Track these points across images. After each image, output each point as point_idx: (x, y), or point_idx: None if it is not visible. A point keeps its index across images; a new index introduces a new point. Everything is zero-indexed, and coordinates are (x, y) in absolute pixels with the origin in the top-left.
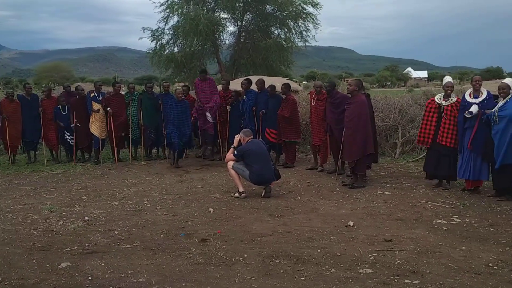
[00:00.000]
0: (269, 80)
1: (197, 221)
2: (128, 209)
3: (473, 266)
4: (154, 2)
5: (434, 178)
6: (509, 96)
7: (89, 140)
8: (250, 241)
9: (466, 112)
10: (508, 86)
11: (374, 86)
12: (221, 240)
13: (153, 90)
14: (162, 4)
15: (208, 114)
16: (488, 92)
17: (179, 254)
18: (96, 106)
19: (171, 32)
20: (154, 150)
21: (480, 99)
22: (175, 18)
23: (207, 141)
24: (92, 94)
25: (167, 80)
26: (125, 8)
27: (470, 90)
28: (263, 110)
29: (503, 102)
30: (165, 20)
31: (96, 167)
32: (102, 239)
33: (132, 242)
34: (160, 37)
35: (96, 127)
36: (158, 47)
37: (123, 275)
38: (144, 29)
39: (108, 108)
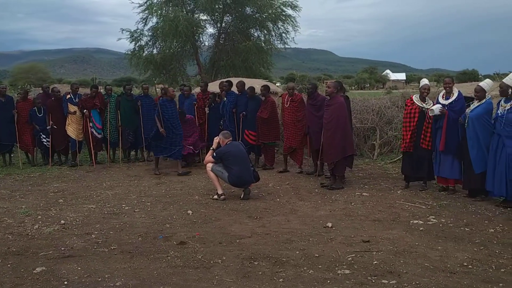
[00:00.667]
0: (248, 82)
1: (176, 223)
2: (106, 212)
3: (448, 265)
4: (133, 3)
5: (412, 180)
6: (484, 99)
7: (66, 143)
8: (229, 243)
9: (429, 110)
10: (483, 89)
11: (353, 88)
12: (199, 242)
13: (132, 92)
14: (141, 5)
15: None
16: (459, 93)
17: (157, 257)
18: (72, 108)
19: (150, 34)
20: (132, 152)
21: (449, 100)
22: (154, 20)
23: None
24: (68, 96)
25: (146, 82)
26: (103, 9)
27: (444, 91)
28: (243, 112)
29: (477, 104)
30: (144, 21)
31: (73, 170)
32: (79, 243)
33: (109, 245)
34: (139, 38)
35: (72, 129)
36: (137, 49)
37: (99, 279)
38: (123, 30)
39: (85, 110)
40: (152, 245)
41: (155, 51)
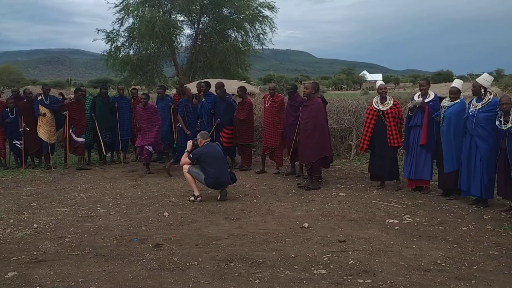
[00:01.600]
0: (226, 83)
1: (152, 225)
2: (80, 215)
3: (422, 263)
4: (108, 3)
5: (379, 179)
6: (458, 100)
7: (39, 145)
8: (205, 245)
9: (411, 102)
10: (459, 90)
11: (330, 88)
12: (175, 244)
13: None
14: (116, 6)
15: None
16: (436, 95)
17: (132, 260)
18: (43, 109)
19: (126, 34)
20: (108, 154)
21: (426, 100)
22: (130, 20)
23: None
24: (40, 98)
25: (122, 83)
26: (79, 9)
27: (419, 92)
28: (219, 119)
29: (450, 104)
30: (120, 21)
31: (46, 173)
32: (52, 247)
33: (83, 249)
34: (115, 39)
35: (44, 131)
36: (113, 50)
37: (73, 284)
38: (99, 30)
39: (65, 112)
40: (127, 248)
41: (131, 52)
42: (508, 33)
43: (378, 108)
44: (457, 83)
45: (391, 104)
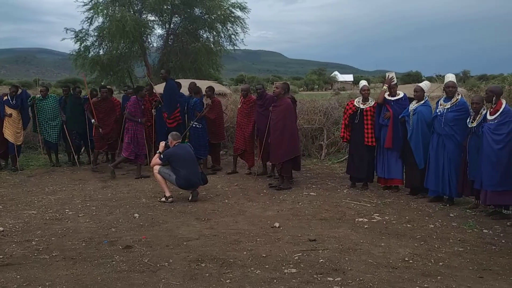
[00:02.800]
0: (198, 84)
1: (122, 227)
2: (48, 218)
3: (391, 261)
4: (77, 1)
5: (356, 179)
6: (423, 100)
7: (5, 146)
8: (176, 246)
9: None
10: (422, 90)
11: (302, 89)
12: (146, 246)
13: (80, 94)
14: (85, 4)
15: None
16: (404, 94)
17: (102, 263)
18: (8, 110)
19: (96, 34)
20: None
21: (397, 98)
22: (100, 19)
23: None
24: (5, 98)
25: (92, 84)
26: (46, 7)
27: (387, 92)
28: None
29: (416, 104)
30: (89, 21)
31: (13, 175)
32: (18, 250)
33: (51, 252)
34: (84, 38)
35: (10, 133)
36: (82, 49)
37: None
38: (67, 30)
39: (93, 121)
40: (97, 250)
41: (101, 51)
42: (475, 36)
43: (358, 106)
44: (425, 84)
45: (372, 104)
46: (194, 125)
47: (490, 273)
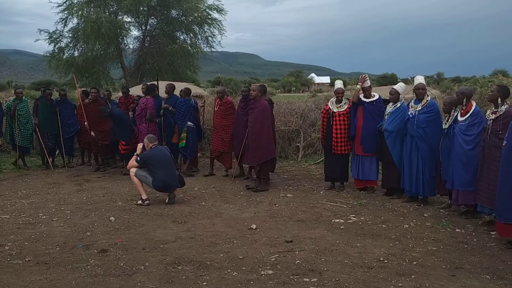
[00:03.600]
0: (176, 85)
1: (97, 231)
2: (21, 222)
3: (366, 261)
4: (51, 2)
5: (333, 180)
6: (400, 102)
7: None
8: (152, 249)
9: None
10: (397, 92)
11: (279, 91)
12: (122, 249)
13: (51, 97)
14: (60, 5)
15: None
16: (379, 96)
17: (76, 267)
18: None
19: (70, 35)
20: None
21: (371, 99)
22: (75, 20)
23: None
24: None
25: (67, 85)
26: (19, 8)
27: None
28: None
29: (393, 107)
30: (63, 22)
31: None
32: None
33: (24, 257)
34: (58, 39)
35: None
36: (56, 50)
37: None
38: (41, 31)
39: (86, 124)
40: (71, 255)
41: (76, 53)
42: (449, 40)
43: (331, 108)
44: (398, 86)
45: (344, 108)
46: (190, 126)
47: (462, 271)
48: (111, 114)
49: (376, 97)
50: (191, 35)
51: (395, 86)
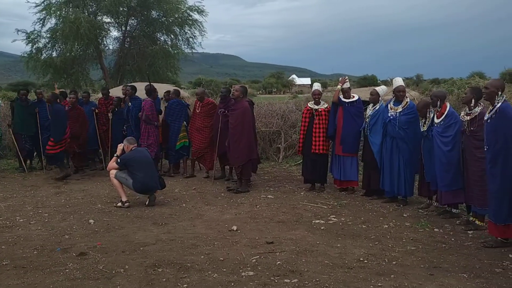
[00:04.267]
0: (155, 87)
1: (76, 234)
2: None
3: (346, 261)
4: (28, 2)
5: (311, 181)
6: (379, 104)
7: None
8: (132, 252)
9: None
10: (378, 93)
11: (260, 92)
12: (101, 252)
13: (28, 97)
14: (37, 5)
15: None
16: (359, 97)
17: (54, 271)
18: None
19: (48, 35)
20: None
21: (351, 100)
22: (53, 21)
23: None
24: None
25: (45, 87)
26: None
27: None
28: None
29: (372, 110)
30: (41, 22)
31: None
32: None
33: (1, 261)
34: (36, 40)
35: None
36: (34, 51)
37: None
38: (18, 31)
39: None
40: (49, 258)
41: (54, 53)
42: (428, 43)
43: (312, 107)
44: (382, 88)
45: (325, 106)
46: (186, 126)
47: (440, 271)
48: (52, 108)
49: (356, 98)
50: (172, 36)
51: (377, 88)
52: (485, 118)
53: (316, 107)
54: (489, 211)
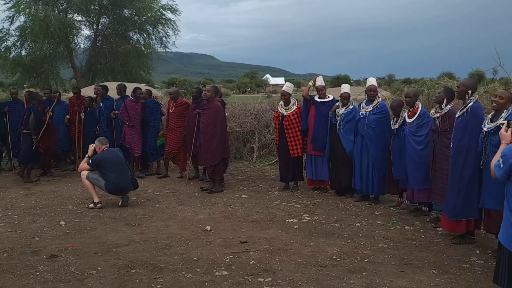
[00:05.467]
0: (128, 86)
1: (46, 236)
2: None
3: (319, 260)
4: None
5: (287, 180)
6: (351, 105)
7: None
8: (105, 253)
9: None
10: (349, 95)
11: (234, 92)
12: (72, 254)
13: None
14: (6, 3)
15: None
16: (333, 98)
17: (24, 273)
18: None
19: (17, 34)
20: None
21: (324, 100)
22: (22, 19)
23: None
24: None
25: (14, 86)
26: None
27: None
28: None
29: (344, 110)
30: (10, 20)
31: None
32: None
33: None
34: (4, 38)
35: None
36: (2, 49)
37: None
38: None
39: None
40: (19, 261)
41: (24, 52)
42: (397, 40)
43: (281, 112)
44: (346, 88)
45: (293, 109)
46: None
47: (411, 267)
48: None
49: (330, 98)
50: (145, 35)
51: (343, 90)
52: (456, 115)
53: (284, 112)
54: (444, 205)
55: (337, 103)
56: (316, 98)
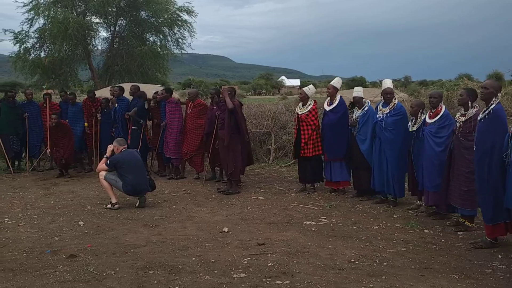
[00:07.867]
0: (144, 87)
1: (66, 236)
2: None
3: (337, 262)
4: (16, 1)
5: (305, 182)
6: (366, 107)
7: None
8: (123, 254)
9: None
10: (361, 98)
11: (250, 93)
12: (91, 254)
13: (15, 98)
14: (25, 5)
15: None
16: (341, 98)
17: (44, 273)
18: None
19: (36, 36)
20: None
21: (332, 106)
22: (41, 21)
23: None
24: None
25: (33, 87)
26: None
27: (328, 98)
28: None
29: (360, 112)
30: (29, 22)
31: None
32: None
33: None
34: (24, 40)
35: None
36: (22, 51)
37: None
38: (5, 31)
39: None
40: (39, 261)
41: (43, 54)
42: (416, 44)
43: (297, 112)
44: (358, 91)
45: (308, 110)
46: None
47: (431, 271)
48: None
49: (338, 100)
50: (161, 36)
51: (355, 94)
52: (478, 118)
53: (300, 111)
54: (482, 215)
55: (354, 117)
56: (326, 106)
